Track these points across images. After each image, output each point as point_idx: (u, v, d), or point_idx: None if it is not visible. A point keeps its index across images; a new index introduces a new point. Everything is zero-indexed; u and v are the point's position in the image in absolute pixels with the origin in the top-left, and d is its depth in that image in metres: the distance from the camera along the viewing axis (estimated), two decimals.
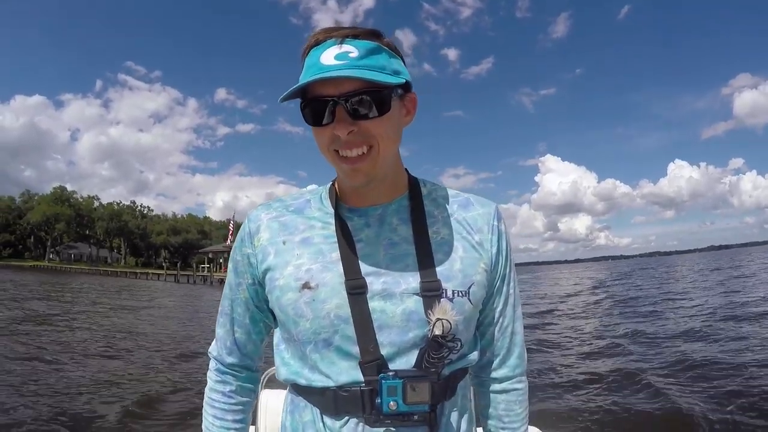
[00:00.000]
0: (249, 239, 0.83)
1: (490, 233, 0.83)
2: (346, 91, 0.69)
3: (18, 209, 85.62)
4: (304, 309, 0.75)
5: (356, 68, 0.69)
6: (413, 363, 0.74)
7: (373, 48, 0.71)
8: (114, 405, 5.25)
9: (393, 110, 0.73)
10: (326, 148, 0.74)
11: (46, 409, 5.02)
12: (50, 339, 9.67)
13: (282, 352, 0.83)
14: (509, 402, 0.88)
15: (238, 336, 0.88)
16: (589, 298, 19.46)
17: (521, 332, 0.89)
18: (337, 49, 0.70)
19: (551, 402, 5.30)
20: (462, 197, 0.87)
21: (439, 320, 0.72)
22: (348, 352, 0.75)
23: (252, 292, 0.84)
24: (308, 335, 0.76)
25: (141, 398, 5.52)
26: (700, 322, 10.11)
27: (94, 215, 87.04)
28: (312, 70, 0.70)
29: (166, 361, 7.87)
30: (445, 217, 0.83)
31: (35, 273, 51.83)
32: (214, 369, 0.90)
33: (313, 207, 0.85)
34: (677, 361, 6.67)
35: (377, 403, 0.71)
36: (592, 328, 10.91)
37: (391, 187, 0.83)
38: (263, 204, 0.88)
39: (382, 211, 0.82)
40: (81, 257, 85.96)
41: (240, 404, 0.89)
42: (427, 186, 0.88)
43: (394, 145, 0.77)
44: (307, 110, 0.73)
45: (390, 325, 0.74)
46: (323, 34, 0.72)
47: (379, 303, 0.75)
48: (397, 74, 0.73)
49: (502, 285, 0.85)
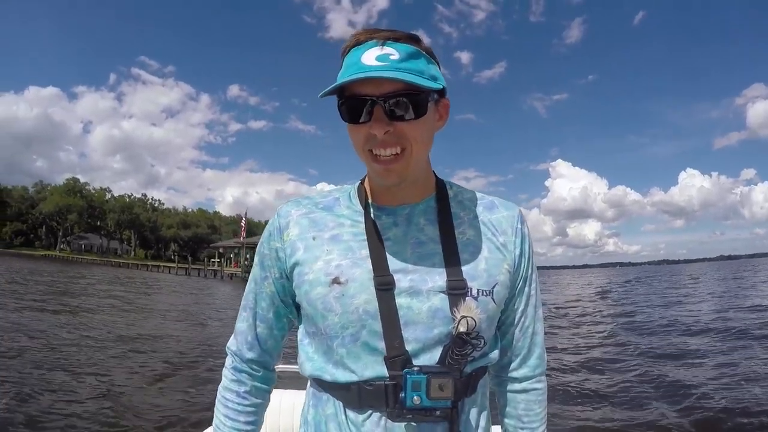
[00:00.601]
0: (278, 234, 0.85)
1: (514, 236, 0.85)
2: (386, 91, 0.70)
3: (31, 199, 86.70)
4: (333, 303, 0.77)
5: (397, 70, 0.70)
6: (437, 359, 0.75)
7: (413, 52, 0.73)
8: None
9: (428, 114, 0.75)
10: (361, 147, 0.76)
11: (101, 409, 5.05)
12: (97, 326, 9.77)
13: (306, 347, 0.84)
14: (529, 402, 0.89)
15: (260, 331, 0.88)
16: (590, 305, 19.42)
17: (542, 333, 0.90)
18: (378, 50, 0.71)
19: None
20: (487, 200, 0.89)
21: (464, 318, 0.73)
22: (374, 347, 0.76)
23: (279, 286, 0.85)
24: (336, 329, 0.77)
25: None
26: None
27: (106, 207, 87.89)
28: (353, 68, 0.71)
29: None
30: (470, 219, 0.85)
31: (49, 262, 52.39)
32: (230, 366, 0.90)
33: (342, 205, 0.86)
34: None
35: (401, 398, 0.72)
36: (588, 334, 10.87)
37: (420, 189, 0.84)
38: (292, 200, 0.89)
39: (410, 211, 0.83)
40: (91, 248, 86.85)
41: (253, 406, 0.89)
42: (453, 188, 0.89)
43: (426, 148, 0.79)
44: (345, 108, 0.74)
45: (416, 321, 0.75)
46: (365, 34, 0.74)
47: (406, 300, 0.76)
48: (435, 79, 0.74)
49: (524, 286, 0.87)
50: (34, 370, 6.18)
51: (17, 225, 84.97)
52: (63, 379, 5.91)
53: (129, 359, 7.31)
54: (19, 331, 8.97)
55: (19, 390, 5.23)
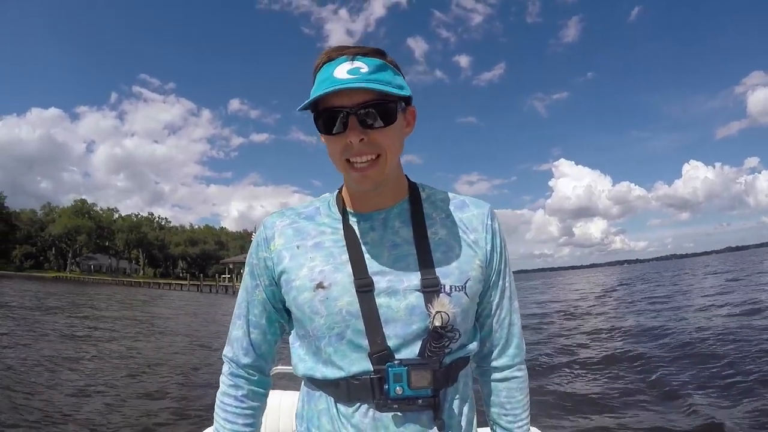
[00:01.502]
0: (265, 244, 0.91)
1: (485, 232, 0.91)
2: (358, 102, 0.77)
3: (39, 221, 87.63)
4: (318, 306, 0.83)
5: (368, 81, 0.76)
6: (417, 353, 0.81)
7: (381, 65, 0.79)
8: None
9: (398, 121, 0.82)
10: (338, 156, 0.82)
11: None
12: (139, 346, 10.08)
13: (297, 350, 0.90)
14: (510, 389, 0.95)
15: (253, 337, 0.93)
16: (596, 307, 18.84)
17: (518, 323, 0.96)
18: (349, 65, 0.77)
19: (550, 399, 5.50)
20: (458, 199, 0.95)
21: (438, 313, 0.79)
22: (359, 344, 0.82)
23: (269, 293, 0.91)
24: (323, 330, 0.83)
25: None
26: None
27: (114, 227, 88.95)
28: (326, 83, 0.77)
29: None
30: (442, 219, 0.90)
31: (63, 284, 52.67)
32: (227, 373, 0.95)
33: (322, 214, 0.92)
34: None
35: (385, 389, 0.79)
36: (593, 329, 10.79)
37: (393, 192, 0.90)
38: (277, 212, 0.95)
39: (385, 215, 0.89)
40: (100, 268, 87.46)
41: (251, 408, 0.94)
42: (426, 190, 0.95)
43: (397, 154, 0.85)
44: (321, 120, 0.80)
45: (395, 319, 0.81)
46: (335, 52, 0.80)
47: (385, 299, 0.82)
48: (401, 89, 0.80)
49: (498, 279, 0.92)
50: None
51: (26, 248, 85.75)
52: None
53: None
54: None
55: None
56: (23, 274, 71.68)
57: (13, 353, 8.84)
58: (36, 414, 5.20)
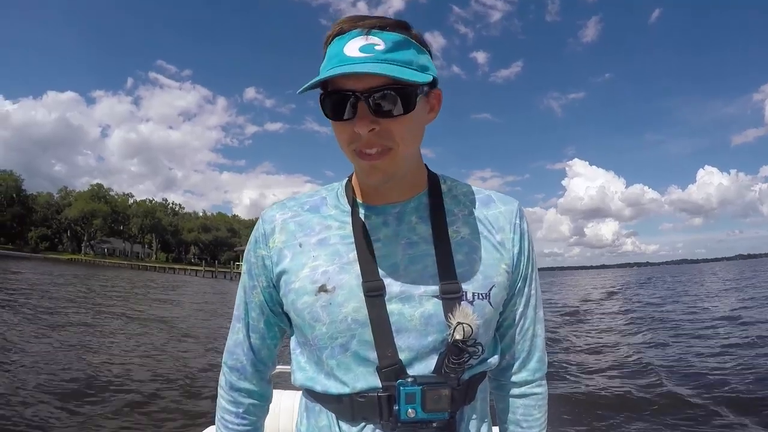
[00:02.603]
0: (264, 240, 0.81)
1: (512, 232, 0.80)
2: (370, 86, 0.64)
3: (56, 205, 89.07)
4: (320, 313, 0.73)
5: (382, 62, 0.64)
6: (432, 368, 0.71)
7: (401, 41, 0.67)
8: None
9: (418, 107, 0.69)
10: (346, 145, 0.70)
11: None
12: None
13: (298, 357, 0.81)
14: (528, 407, 0.85)
15: (253, 341, 0.85)
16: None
17: (542, 335, 0.86)
18: (362, 40, 0.65)
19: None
20: (483, 194, 0.84)
21: (461, 324, 0.69)
22: (365, 357, 0.72)
23: (267, 295, 0.82)
24: (324, 340, 0.73)
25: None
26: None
27: (129, 212, 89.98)
28: (334, 60, 0.66)
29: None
30: (465, 215, 0.80)
31: (85, 267, 53.75)
32: (226, 386, 0.87)
33: (329, 205, 0.82)
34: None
35: (395, 410, 0.69)
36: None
37: (410, 184, 0.79)
38: (277, 203, 0.85)
39: (400, 209, 0.78)
40: (113, 251, 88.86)
41: (252, 424, 0.88)
42: (447, 183, 0.84)
43: (415, 144, 0.73)
44: (327, 103, 0.68)
45: (408, 328, 0.71)
46: (348, 23, 0.67)
47: (398, 306, 0.72)
48: (425, 70, 0.69)
49: (523, 286, 0.82)
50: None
51: (42, 230, 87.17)
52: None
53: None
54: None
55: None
56: (39, 256, 72.98)
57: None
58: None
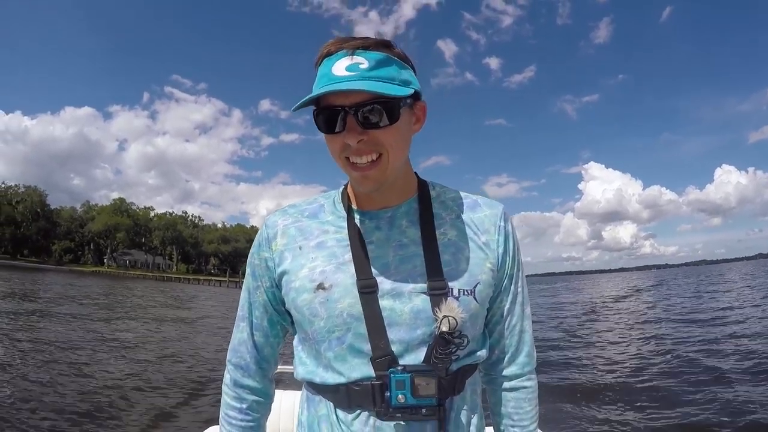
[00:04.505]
0: (267, 244, 0.88)
1: (497, 234, 0.86)
2: (356, 101, 0.72)
3: (80, 219, 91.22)
4: (318, 309, 0.79)
5: (366, 80, 0.72)
6: (422, 359, 0.77)
7: (383, 59, 0.74)
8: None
9: (402, 119, 0.76)
10: (338, 155, 0.78)
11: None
12: None
13: (299, 353, 0.88)
14: (518, 399, 0.90)
15: (257, 339, 0.90)
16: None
17: (530, 331, 0.92)
18: (348, 60, 0.72)
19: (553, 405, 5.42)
20: (470, 199, 0.90)
21: (446, 317, 0.75)
22: (360, 349, 0.78)
23: (270, 294, 0.88)
24: (323, 334, 0.80)
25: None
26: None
27: (151, 225, 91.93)
28: (324, 80, 0.73)
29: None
30: (452, 219, 0.86)
31: (111, 278, 54.69)
32: (230, 382, 0.92)
33: (326, 211, 0.89)
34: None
35: (387, 397, 0.75)
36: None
37: (400, 191, 0.86)
38: (279, 210, 0.92)
39: (392, 214, 0.85)
40: (135, 263, 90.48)
41: (255, 420, 0.92)
42: (436, 188, 0.91)
43: (402, 153, 0.80)
44: (320, 118, 0.76)
45: (399, 322, 0.77)
46: (335, 45, 0.75)
47: (389, 302, 0.78)
48: (407, 84, 0.76)
49: (509, 284, 0.88)
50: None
51: (66, 243, 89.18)
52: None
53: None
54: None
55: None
56: (64, 268, 74.42)
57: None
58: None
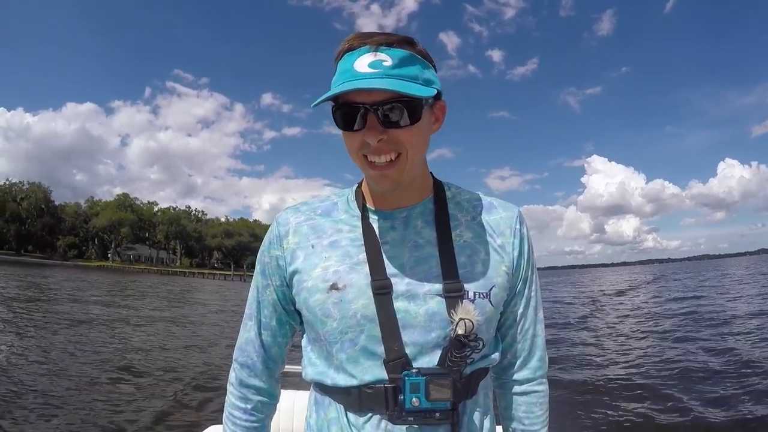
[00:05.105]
0: (278, 242, 0.86)
1: (513, 237, 0.85)
2: (378, 99, 0.70)
3: (84, 214, 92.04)
4: (331, 309, 0.78)
5: (390, 78, 0.70)
6: (436, 362, 0.76)
7: (407, 57, 0.72)
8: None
9: (423, 119, 0.74)
10: (355, 153, 0.76)
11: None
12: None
13: (309, 353, 0.86)
14: (529, 404, 0.89)
15: (264, 339, 0.89)
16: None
17: (542, 335, 0.91)
18: (371, 56, 0.70)
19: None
20: (486, 201, 0.89)
21: (462, 320, 0.74)
22: (373, 351, 0.77)
23: (280, 293, 0.87)
24: (335, 335, 0.78)
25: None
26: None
27: (155, 219, 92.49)
28: (345, 76, 0.71)
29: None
30: (468, 221, 0.85)
31: (117, 273, 55.21)
32: (236, 382, 0.91)
33: (340, 210, 0.87)
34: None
35: (400, 400, 0.73)
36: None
37: (416, 191, 0.85)
38: (291, 207, 0.90)
39: (407, 214, 0.84)
40: (139, 258, 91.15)
41: (259, 421, 0.91)
42: (451, 189, 0.90)
43: (421, 152, 0.79)
44: (339, 115, 0.74)
45: (413, 324, 0.76)
46: (358, 40, 0.72)
47: (404, 303, 0.77)
48: (430, 84, 0.74)
49: (523, 288, 0.87)
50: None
51: (71, 238, 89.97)
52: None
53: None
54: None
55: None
56: (69, 263, 74.98)
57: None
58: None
